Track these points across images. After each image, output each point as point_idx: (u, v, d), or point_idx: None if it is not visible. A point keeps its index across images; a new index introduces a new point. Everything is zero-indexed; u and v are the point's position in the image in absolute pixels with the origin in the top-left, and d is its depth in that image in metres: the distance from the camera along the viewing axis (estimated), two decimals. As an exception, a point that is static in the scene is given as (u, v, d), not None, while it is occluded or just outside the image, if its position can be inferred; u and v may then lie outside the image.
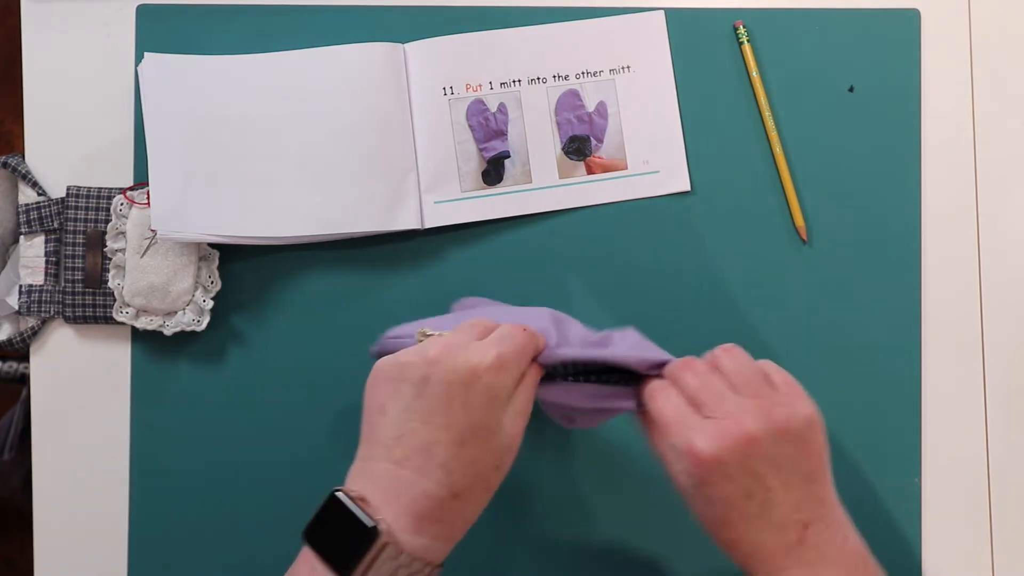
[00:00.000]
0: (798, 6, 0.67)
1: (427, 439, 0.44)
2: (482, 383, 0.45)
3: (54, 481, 0.65)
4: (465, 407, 0.45)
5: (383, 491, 0.44)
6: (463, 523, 0.46)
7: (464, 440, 0.45)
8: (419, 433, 0.45)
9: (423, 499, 0.44)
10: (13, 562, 1.23)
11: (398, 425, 0.45)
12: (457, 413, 0.45)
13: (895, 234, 0.66)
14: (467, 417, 0.45)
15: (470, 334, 0.48)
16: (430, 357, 0.46)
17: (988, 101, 0.68)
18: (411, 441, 0.45)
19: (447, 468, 0.44)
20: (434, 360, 0.45)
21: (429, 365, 0.45)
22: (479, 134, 0.65)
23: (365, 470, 0.46)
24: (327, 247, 0.65)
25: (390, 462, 0.44)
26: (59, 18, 0.66)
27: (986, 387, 0.66)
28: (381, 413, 0.46)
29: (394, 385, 0.46)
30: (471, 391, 0.45)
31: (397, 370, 0.46)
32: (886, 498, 0.65)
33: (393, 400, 0.45)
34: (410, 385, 0.45)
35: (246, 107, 0.63)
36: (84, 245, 0.63)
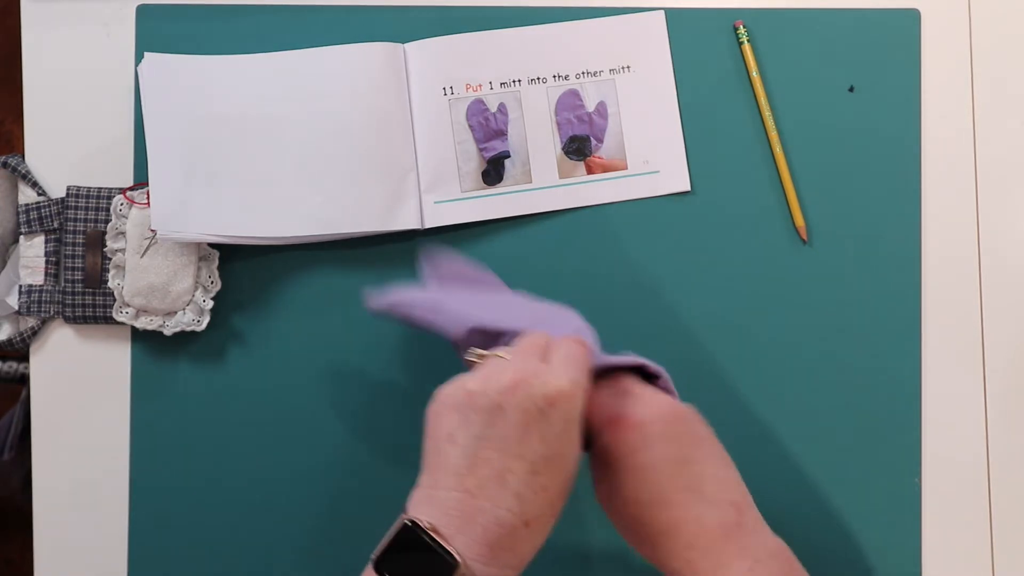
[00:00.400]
0: (798, 6, 0.67)
1: (501, 468, 0.44)
2: (557, 412, 0.44)
3: (54, 481, 0.65)
4: (541, 436, 0.44)
5: (455, 520, 0.43)
6: (532, 550, 0.45)
7: (538, 469, 0.44)
8: (493, 462, 0.44)
9: (496, 528, 0.43)
10: (13, 562, 1.23)
11: (470, 454, 0.44)
12: (533, 442, 0.44)
13: (895, 234, 0.66)
14: (542, 446, 0.44)
15: (534, 355, 0.47)
16: (504, 386, 0.44)
17: (988, 101, 0.68)
18: (484, 470, 0.44)
19: (520, 496, 0.44)
20: (508, 389, 0.44)
21: (502, 394, 0.44)
22: (479, 134, 0.65)
23: (433, 498, 0.44)
24: (327, 247, 0.65)
25: (461, 491, 0.44)
26: (59, 18, 0.66)
27: (986, 387, 0.66)
28: (450, 442, 0.45)
29: (463, 414, 0.44)
30: (547, 420, 0.44)
31: (466, 399, 0.45)
32: (886, 498, 0.65)
33: (463, 429, 0.44)
34: (482, 414, 0.44)
35: (246, 107, 0.63)
36: (84, 245, 0.63)
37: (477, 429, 0.44)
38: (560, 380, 0.45)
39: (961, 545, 0.66)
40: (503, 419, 0.44)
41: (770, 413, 0.65)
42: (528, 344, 0.48)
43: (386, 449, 0.65)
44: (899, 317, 0.66)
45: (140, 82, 0.63)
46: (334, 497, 0.65)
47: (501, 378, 0.44)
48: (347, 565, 0.65)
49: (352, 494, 0.65)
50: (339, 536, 0.64)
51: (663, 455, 0.47)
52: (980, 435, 0.66)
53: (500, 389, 0.44)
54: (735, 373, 0.65)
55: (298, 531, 0.65)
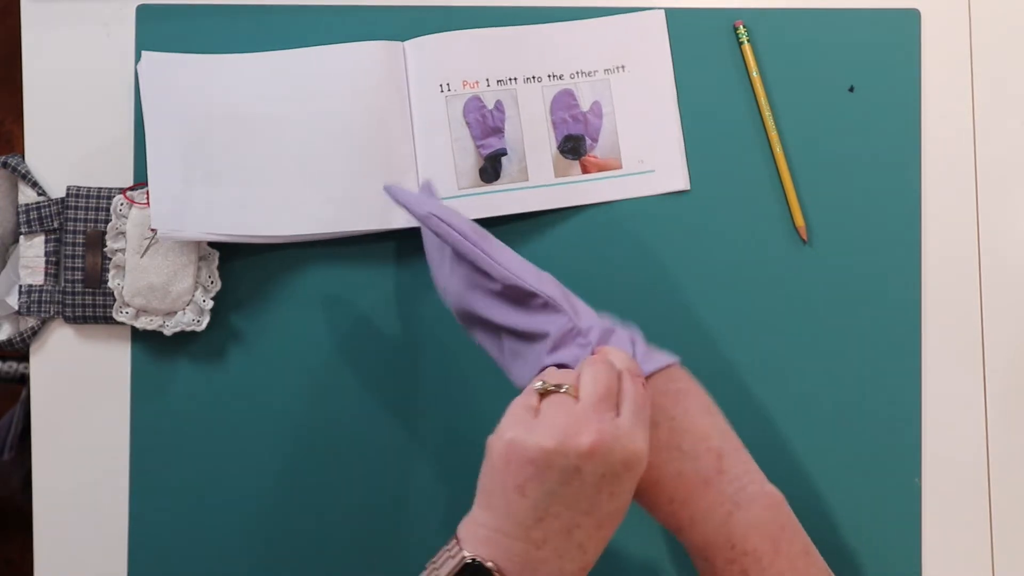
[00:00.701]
0: (798, 6, 0.67)
1: (569, 523, 0.44)
2: (633, 472, 0.45)
3: (54, 481, 0.65)
4: (612, 496, 0.45)
5: (518, 566, 0.44)
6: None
7: (603, 523, 0.45)
8: (562, 517, 0.44)
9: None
10: (13, 562, 1.23)
11: (540, 508, 0.44)
12: (604, 501, 0.44)
13: (895, 234, 0.66)
14: (611, 503, 0.45)
15: (608, 404, 0.46)
16: (583, 450, 0.43)
17: (988, 101, 0.68)
18: (552, 525, 0.44)
19: (583, 548, 0.45)
20: (587, 454, 0.43)
21: (581, 459, 0.43)
22: (476, 131, 0.65)
23: (497, 542, 0.44)
24: (327, 246, 0.65)
25: (528, 543, 0.44)
26: (59, 18, 0.66)
27: (986, 387, 0.66)
28: (520, 493, 0.44)
29: (538, 469, 0.44)
30: (620, 482, 0.45)
31: (543, 457, 0.44)
32: (886, 498, 0.65)
33: (535, 483, 0.44)
34: (558, 473, 0.44)
35: (246, 106, 0.63)
36: (84, 245, 0.63)
37: (551, 487, 0.44)
38: (637, 444, 0.45)
39: (961, 545, 0.66)
40: (579, 481, 0.44)
41: (770, 413, 0.65)
42: (601, 390, 0.46)
43: (387, 449, 0.65)
44: (899, 317, 0.66)
45: (140, 81, 0.63)
46: (334, 497, 0.65)
47: (580, 440, 0.44)
48: (347, 565, 0.65)
49: (352, 493, 0.65)
50: (339, 536, 0.64)
51: None
52: (980, 435, 0.66)
53: (580, 453, 0.43)
54: (734, 373, 0.65)
55: (297, 531, 0.65)
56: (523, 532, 0.44)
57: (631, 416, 0.46)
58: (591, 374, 0.47)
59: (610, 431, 0.44)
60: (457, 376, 0.65)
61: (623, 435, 0.45)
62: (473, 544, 0.45)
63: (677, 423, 0.49)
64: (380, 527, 0.65)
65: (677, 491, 0.48)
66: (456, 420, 0.65)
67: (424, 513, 0.65)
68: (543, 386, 0.47)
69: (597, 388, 0.46)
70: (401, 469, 0.65)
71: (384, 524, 0.65)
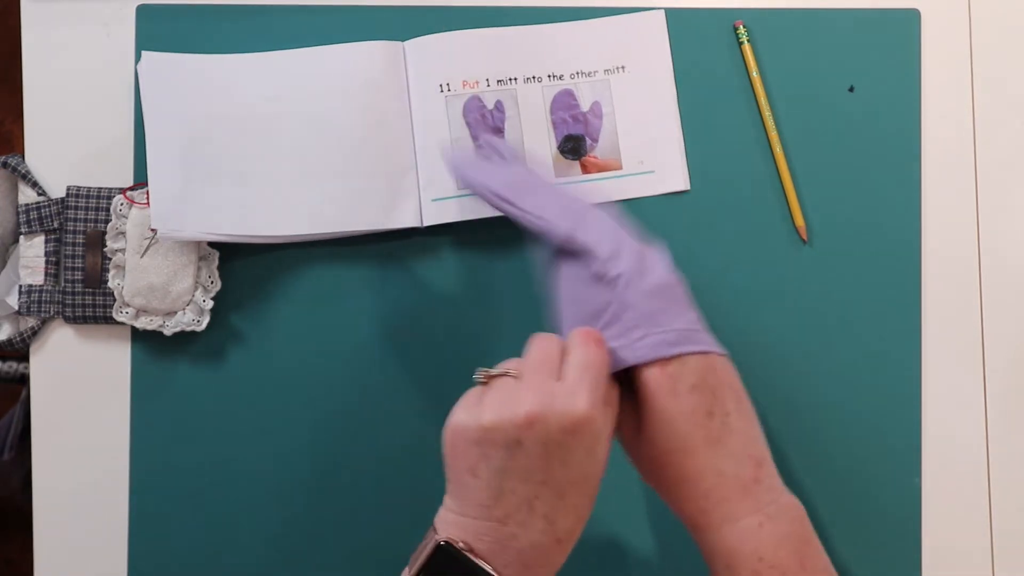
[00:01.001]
0: (798, 6, 0.67)
1: (527, 495, 0.44)
2: (577, 439, 0.44)
3: (54, 481, 0.65)
4: (564, 463, 0.44)
5: (487, 543, 0.44)
6: (563, 559, 0.46)
7: (564, 492, 0.44)
8: (518, 491, 0.44)
9: (530, 550, 0.44)
10: (13, 562, 1.23)
11: (494, 487, 0.44)
12: (556, 469, 0.44)
13: (895, 234, 0.66)
14: (566, 471, 0.44)
15: (546, 373, 0.45)
16: (519, 420, 0.43)
17: (988, 101, 0.68)
18: (510, 500, 0.44)
19: (549, 518, 0.44)
20: (524, 423, 0.43)
21: (519, 429, 0.43)
22: (476, 131, 0.65)
23: (463, 524, 0.45)
24: (327, 246, 0.65)
25: (492, 520, 0.44)
26: (59, 18, 0.66)
27: (986, 387, 0.66)
28: (472, 475, 0.44)
29: (481, 449, 0.44)
30: (567, 448, 0.44)
31: (483, 434, 0.44)
32: (886, 498, 0.65)
33: (483, 463, 0.44)
34: (501, 449, 0.43)
35: (246, 106, 0.63)
36: (84, 245, 0.63)
37: (497, 464, 0.44)
38: (576, 406, 0.44)
39: (961, 545, 0.66)
40: (523, 452, 0.43)
41: (770, 413, 0.65)
42: (539, 359, 0.46)
43: (387, 448, 0.65)
44: (899, 317, 0.66)
45: (140, 81, 0.63)
46: (335, 496, 0.65)
47: (516, 410, 0.43)
48: (347, 564, 0.65)
49: (353, 493, 0.65)
50: (340, 535, 0.65)
51: (692, 405, 0.47)
52: (980, 435, 0.66)
53: (516, 424, 0.43)
54: (735, 373, 0.65)
55: (298, 531, 0.65)
56: (485, 512, 0.44)
57: (573, 380, 0.45)
58: (528, 349, 0.47)
59: (546, 397, 0.44)
60: (457, 375, 0.65)
61: (559, 399, 0.44)
62: (445, 528, 0.45)
63: (730, 420, 0.48)
64: (380, 526, 0.65)
65: (715, 489, 0.47)
66: (456, 420, 0.65)
67: (424, 512, 0.65)
68: (484, 373, 0.47)
69: (530, 359, 0.46)
70: (401, 468, 0.65)
71: (384, 523, 0.65)
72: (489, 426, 0.44)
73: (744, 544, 0.46)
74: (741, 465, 0.47)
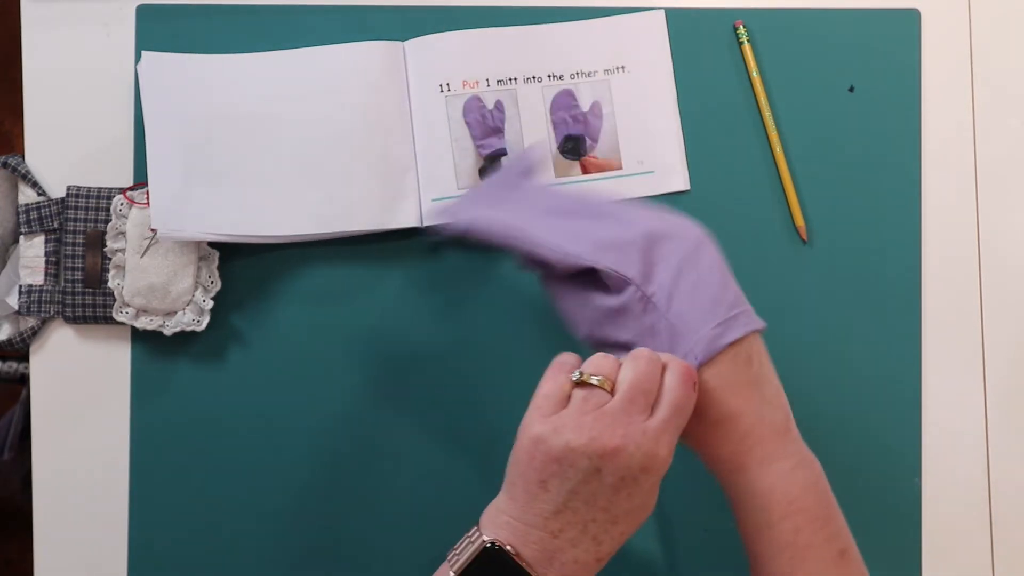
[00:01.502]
0: (798, 6, 0.67)
1: (585, 517, 0.45)
2: (652, 475, 0.45)
3: (54, 481, 0.65)
4: (630, 496, 0.45)
5: (534, 551, 0.45)
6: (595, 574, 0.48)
7: (618, 519, 0.46)
8: (579, 512, 0.45)
9: (571, 564, 0.46)
10: (13, 562, 1.23)
11: (559, 503, 0.45)
12: (621, 500, 0.45)
13: (895, 234, 0.66)
14: (629, 502, 0.46)
15: (641, 406, 0.46)
16: (606, 451, 0.44)
17: (988, 101, 0.68)
18: (569, 517, 0.45)
19: (598, 540, 0.46)
20: (609, 455, 0.44)
21: (603, 460, 0.44)
22: (476, 131, 0.65)
23: (516, 529, 0.46)
24: (327, 246, 0.65)
25: (545, 531, 0.45)
26: (59, 18, 0.66)
27: (986, 387, 0.66)
28: (542, 488, 0.45)
29: (560, 467, 0.45)
30: (637, 484, 0.45)
31: (566, 454, 0.45)
32: (886, 498, 0.65)
33: (557, 480, 0.45)
34: (579, 472, 0.45)
35: (246, 106, 0.63)
36: (84, 245, 0.63)
37: (571, 485, 0.45)
38: (660, 450, 0.45)
39: (961, 545, 0.66)
40: (598, 481, 0.45)
41: (770, 413, 0.65)
42: (637, 388, 0.46)
43: (387, 448, 0.65)
44: (899, 317, 0.66)
45: (140, 81, 0.63)
46: (335, 496, 0.65)
47: (605, 441, 0.44)
48: (347, 565, 0.65)
49: (353, 493, 0.65)
50: (340, 535, 0.64)
51: (735, 352, 0.49)
52: (980, 435, 0.66)
53: (602, 454, 0.44)
54: (735, 373, 0.65)
55: (299, 530, 0.65)
56: (543, 522, 0.45)
57: (662, 420, 0.46)
58: (630, 370, 0.47)
59: (635, 437, 0.45)
60: (458, 375, 0.65)
61: (647, 441, 0.45)
62: (493, 529, 0.46)
63: (765, 371, 0.50)
64: (380, 526, 0.65)
65: (754, 430, 0.48)
66: (456, 419, 0.65)
67: (424, 512, 0.65)
68: (579, 376, 0.47)
69: (631, 387, 0.46)
70: (402, 468, 0.65)
71: (384, 522, 0.65)
72: (576, 449, 0.44)
73: (777, 485, 0.48)
74: (775, 412, 0.49)
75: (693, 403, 0.47)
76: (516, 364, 0.65)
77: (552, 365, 0.48)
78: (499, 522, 0.46)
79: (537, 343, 0.65)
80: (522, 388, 0.65)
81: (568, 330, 0.53)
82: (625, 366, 0.47)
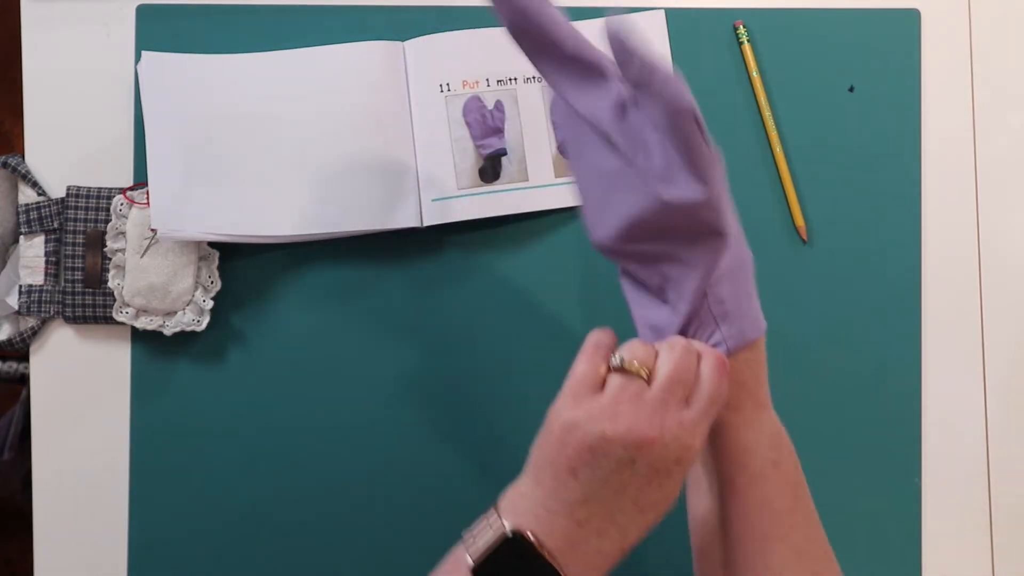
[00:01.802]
0: (798, 6, 0.67)
1: (613, 507, 0.44)
2: (683, 466, 0.45)
3: (54, 481, 0.65)
4: (660, 486, 0.44)
5: (558, 541, 0.44)
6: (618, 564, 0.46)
7: (646, 509, 0.45)
8: (608, 501, 0.44)
9: (596, 556, 0.44)
10: (13, 562, 1.23)
11: (588, 491, 0.44)
12: (651, 491, 0.44)
13: (895, 234, 0.66)
14: (659, 493, 0.45)
15: (679, 396, 0.45)
16: (640, 442, 0.43)
17: (988, 101, 0.68)
18: (596, 507, 0.44)
19: (624, 530, 0.45)
20: (645, 446, 0.43)
21: (638, 450, 0.43)
22: (476, 131, 0.65)
23: (539, 516, 0.44)
24: (327, 246, 0.65)
25: (570, 519, 0.44)
26: (59, 18, 0.66)
27: (986, 387, 0.66)
28: (571, 474, 0.44)
29: (593, 455, 0.44)
30: (671, 474, 0.44)
31: (600, 443, 0.43)
32: (886, 498, 0.65)
33: (588, 468, 0.44)
34: (612, 462, 0.43)
35: (246, 106, 0.63)
36: (84, 245, 0.63)
37: (603, 473, 0.44)
38: (695, 442, 0.44)
39: (961, 545, 0.66)
40: (630, 471, 0.44)
41: (770, 413, 0.65)
42: (675, 378, 0.45)
43: (388, 447, 0.65)
44: (899, 317, 0.66)
45: (140, 81, 0.63)
46: (334, 496, 0.65)
47: (641, 432, 0.43)
48: (347, 564, 0.65)
49: (352, 492, 0.65)
50: (339, 534, 0.64)
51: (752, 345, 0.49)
52: (980, 435, 0.66)
53: (637, 444, 0.43)
54: (735, 373, 0.65)
55: (298, 530, 0.65)
56: (568, 510, 0.44)
57: (698, 412, 0.45)
58: (668, 360, 0.46)
59: (672, 428, 0.44)
60: (458, 375, 0.65)
61: (684, 433, 0.44)
62: (514, 515, 0.44)
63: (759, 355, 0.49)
64: (380, 526, 0.65)
65: (735, 398, 0.48)
66: (457, 418, 0.65)
67: (424, 512, 0.65)
68: (620, 363, 0.45)
69: (670, 378, 0.45)
70: (401, 468, 0.65)
71: (384, 522, 0.65)
72: (612, 438, 0.43)
73: (760, 441, 0.48)
74: (759, 387, 0.49)
75: (726, 394, 0.47)
76: (516, 362, 0.65)
77: (587, 345, 0.46)
78: (520, 508, 0.45)
79: (537, 342, 0.65)
80: (522, 386, 0.65)
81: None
82: (663, 355, 0.46)
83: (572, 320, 0.65)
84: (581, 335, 0.65)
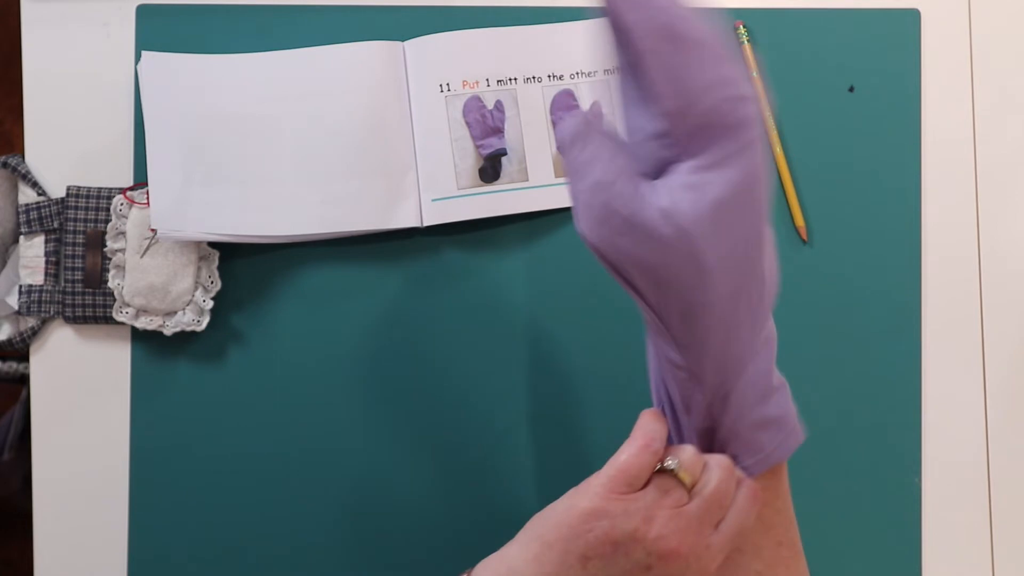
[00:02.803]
0: (798, 6, 0.67)
1: None
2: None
3: (54, 481, 0.65)
4: None
5: None
6: None
7: None
8: None
9: None
10: (13, 562, 1.23)
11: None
12: None
13: (895, 234, 0.66)
14: None
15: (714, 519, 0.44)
16: (667, 551, 0.42)
17: (988, 101, 0.68)
18: None
19: None
20: (668, 557, 0.42)
21: (661, 560, 0.42)
22: (476, 131, 0.65)
23: None
24: (327, 246, 0.65)
25: None
26: (59, 18, 0.66)
27: (986, 387, 0.66)
28: (582, 563, 0.42)
29: (614, 550, 0.42)
30: None
31: (627, 541, 0.42)
32: (886, 498, 0.65)
33: (602, 561, 0.42)
34: (630, 563, 0.42)
35: (246, 106, 0.63)
36: (84, 245, 0.63)
37: (615, 571, 0.42)
38: (714, 565, 0.43)
39: (961, 545, 0.66)
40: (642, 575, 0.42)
41: (770, 413, 0.65)
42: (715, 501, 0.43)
43: (387, 449, 0.65)
44: (899, 317, 0.66)
45: (140, 81, 0.63)
46: (334, 496, 0.65)
47: (670, 544, 0.42)
48: (347, 565, 0.65)
49: (352, 493, 0.65)
50: (339, 536, 0.64)
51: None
52: (980, 435, 0.66)
53: (662, 555, 0.42)
54: (735, 373, 0.65)
55: (297, 530, 0.65)
56: None
57: (726, 539, 0.44)
58: (715, 478, 0.44)
59: (698, 549, 0.43)
60: (457, 376, 0.65)
61: (707, 555, 0.43)
62: None
63: None
64: (379, 528, 0.65)
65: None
66: (456, 421, 0.65)
67: (424, 515, 0.65)
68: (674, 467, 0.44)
69: (711, 499, 0.43)
70: (401, 470, 0.65)
71: (383, 525, 0.65)
72: (640, 540, 0.42)
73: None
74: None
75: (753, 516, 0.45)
76: (516, 364, 0.65)
77: (637, 434, 0.44)
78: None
79: (537, 342, 0.65)
80: (522, 386, 0.65)
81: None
82: (712, 471, 0.44)
83: (572, 320, 0.65)
84: (581, 335, 0.65)
